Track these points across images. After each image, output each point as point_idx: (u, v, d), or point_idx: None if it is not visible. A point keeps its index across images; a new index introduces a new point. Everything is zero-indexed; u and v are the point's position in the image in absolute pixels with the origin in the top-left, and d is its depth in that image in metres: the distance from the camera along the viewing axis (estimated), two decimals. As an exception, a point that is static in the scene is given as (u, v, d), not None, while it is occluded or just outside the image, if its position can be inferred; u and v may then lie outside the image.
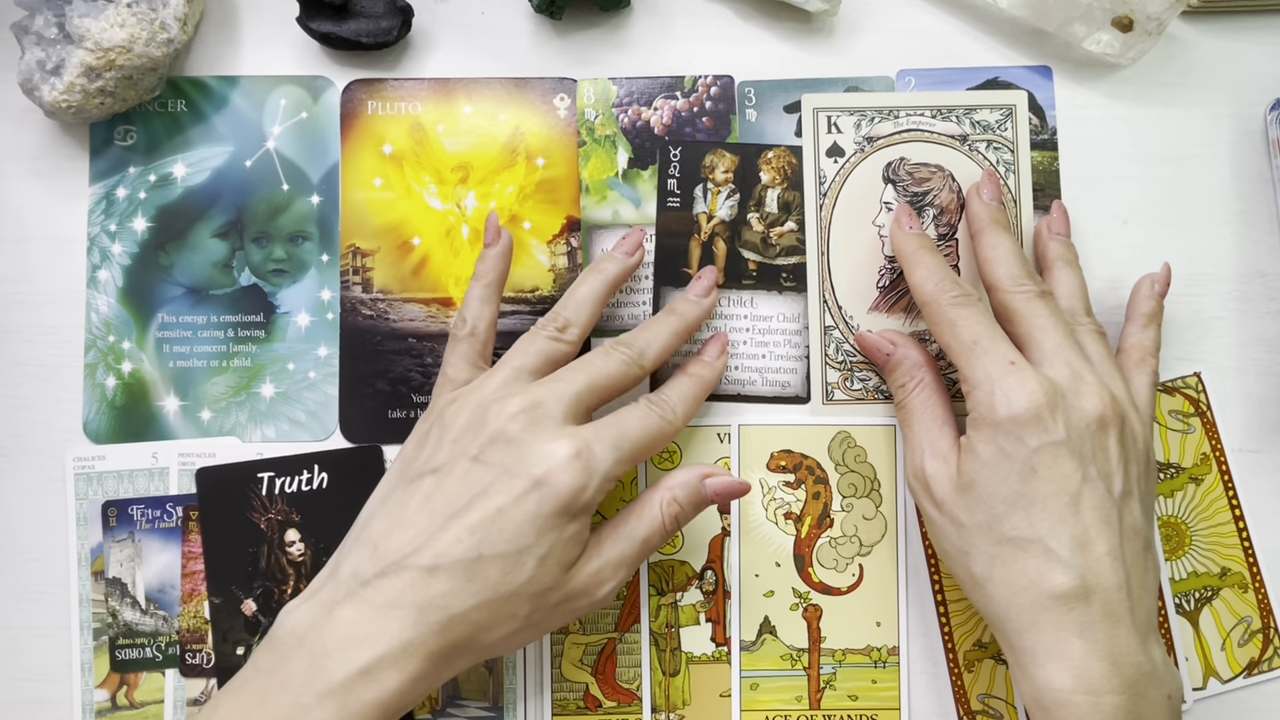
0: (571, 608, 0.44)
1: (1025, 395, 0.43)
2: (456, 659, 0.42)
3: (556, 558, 0.42)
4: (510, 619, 0.42)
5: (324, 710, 0.39)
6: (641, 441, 0.45)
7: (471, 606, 0.40)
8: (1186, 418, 0.54)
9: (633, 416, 0.46)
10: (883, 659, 0.52)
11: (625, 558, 0.44)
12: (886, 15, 0.56)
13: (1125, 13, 0.53)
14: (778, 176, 0.54)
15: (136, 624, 0.52)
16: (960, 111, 0.54)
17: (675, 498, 0.45)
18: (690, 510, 0.46)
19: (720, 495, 0.46)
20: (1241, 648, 0.53)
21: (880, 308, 0.54)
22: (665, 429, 0.46)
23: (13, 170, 0.54)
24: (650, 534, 0.45)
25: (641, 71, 0.55)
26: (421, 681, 0.40)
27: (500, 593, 0.41)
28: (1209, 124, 0.56)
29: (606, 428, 0.44)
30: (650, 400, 0.47)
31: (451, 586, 0.40)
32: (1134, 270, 0.54)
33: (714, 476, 0.46)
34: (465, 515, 0.41)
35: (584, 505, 0.42)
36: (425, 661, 0.40)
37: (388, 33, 0.53)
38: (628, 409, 0.46)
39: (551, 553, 0.42)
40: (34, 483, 0.52)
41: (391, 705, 0.40)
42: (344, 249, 0.54)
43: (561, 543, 0.42)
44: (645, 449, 0.45)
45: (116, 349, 0.53)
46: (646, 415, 0.46)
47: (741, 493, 0.47)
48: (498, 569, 0.41)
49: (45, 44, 0.50)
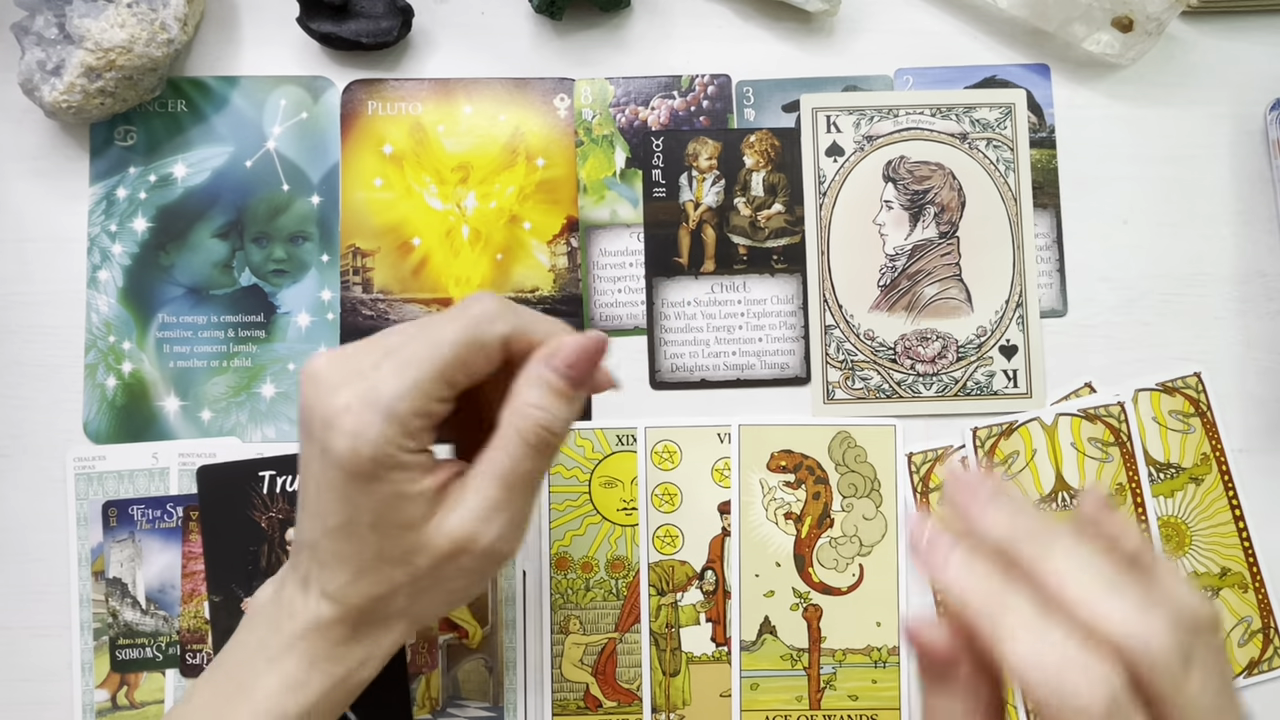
0: (461, 566, 0.39)
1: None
2: (373, 626, 0.40)
3: (389, 521, 0.38)
4: (394, 587, 0.39)
5: (270, 673, 0.39)
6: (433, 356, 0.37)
7: (348, 580, 0.39)
8: (1186, 418, 0.54)
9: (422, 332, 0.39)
10: (883, 659, 0.52)
11: (494, 501, 0.38)
12: (886, 15, 0.56)
13: (1125, 13, 0.53)
14: (761, 160, 0.54)
15: (137, 624, 0.52)
16: (960, 110, 0.54)
17: (528, 401, 0.38)
18: (556, 407, 0.39)
19: (575, 368, 0.39)
20: (1241, 648, 0.53)
21: (881, 306, 0.54)
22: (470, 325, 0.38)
23: (13, 170, 0.54)
24: (516, 461, 0.38)
25: (642, 71, 0.55)
26: (348, 650, 0.40)
27: (361, 564, 0.38)
28: (1209, 124, 0.56)
29: (387, 359, 0.38)
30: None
31: (326, 561, 0.39)
32: (1134, 270, 0.54)
33: (555, 354, 0.39)
34: (304, 493, 0.40)
35: (372, 460, 0.37)
36: (341, 628, 0.39)
37: (388, 33, 0.54)
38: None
39: (378, 519, 0.38)
40: (34, 483, 0.52)
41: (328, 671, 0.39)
42: (344, 249, 0.54)
43: (378, 506, 0.37)
44: (443, 365, 0.38)
45: (117, 349, 0.53)
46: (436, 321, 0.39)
47: (597, 349, 0.39)
48: (344, 542, 0.38)
49: (45, 44, 0.50)
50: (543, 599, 0.52)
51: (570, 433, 0.41)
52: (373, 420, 0.37)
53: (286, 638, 0.40)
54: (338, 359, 0.38)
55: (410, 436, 0.38)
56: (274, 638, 0.40)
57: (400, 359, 0.38)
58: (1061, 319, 0.54)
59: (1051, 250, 0.54)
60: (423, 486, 0.38)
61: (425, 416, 0.38)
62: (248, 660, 0.40)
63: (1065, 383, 0.54)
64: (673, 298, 0.54)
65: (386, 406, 0.37)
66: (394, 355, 0.38)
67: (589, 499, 0.53)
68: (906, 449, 0.53)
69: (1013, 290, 0.54)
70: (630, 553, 0.52)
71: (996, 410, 0.53)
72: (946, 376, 0.53)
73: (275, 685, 0.39)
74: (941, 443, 0.54)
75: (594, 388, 0.42)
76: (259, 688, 0.39)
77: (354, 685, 0.41)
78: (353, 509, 0.38)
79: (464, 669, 0.52)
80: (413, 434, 0.38)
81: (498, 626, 0.52)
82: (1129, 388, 0.54)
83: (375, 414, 0.37)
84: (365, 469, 0.37)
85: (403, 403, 0.37)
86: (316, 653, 0.39)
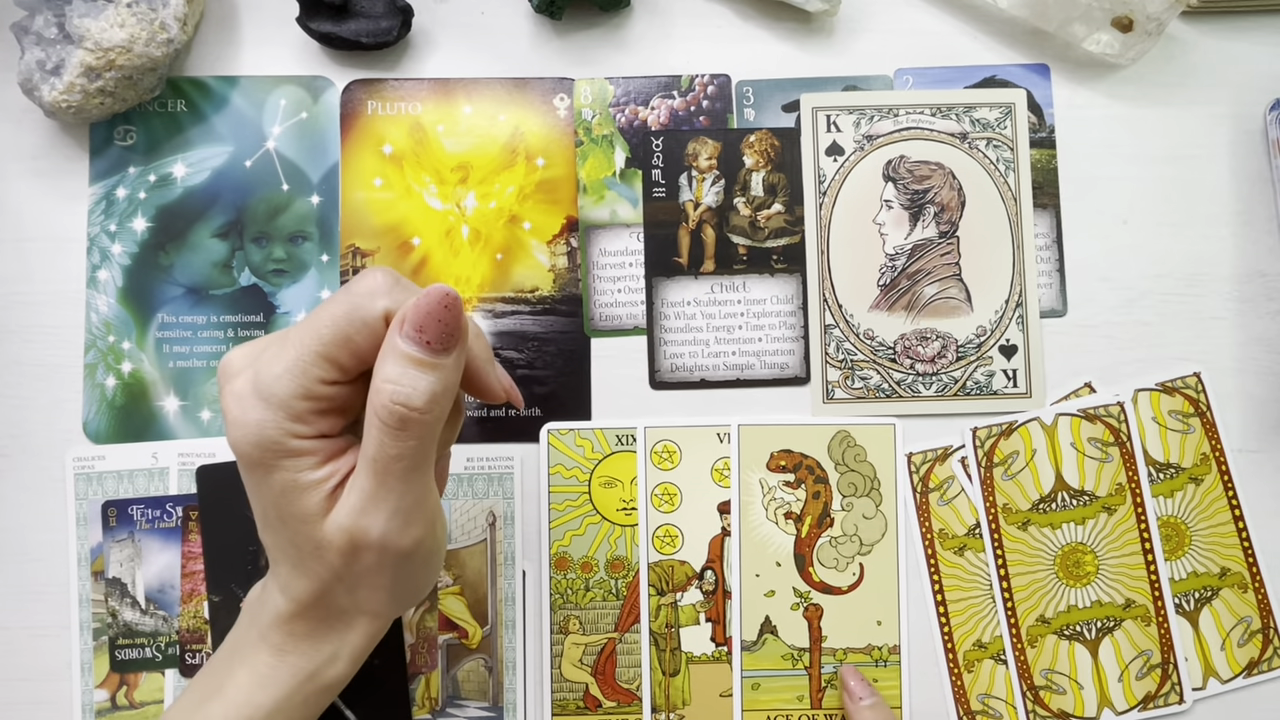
0: (367, 564, 0.38)
1: None
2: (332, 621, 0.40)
3: (289, 514, 0.37)
4: (323, 582, 0.38)
5: (242, 669, 0.39)
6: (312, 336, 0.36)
7: (288, 575, 0.39)
8: (1186, 418, 0.54)
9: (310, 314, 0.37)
10: (883, 658, 0.52)
11: (369, 492, 0.36)
12: (886, 15, 0.56)
13: (1125, 13, 0.53)
14: (761, 160, 0.54)
15: (136, 624, 0.52)
16: (960, 110, 0.54)
17: (382, 377, 0.35)
18: (413, 379, 0.36)
19: (423, 330, 0.35)
20: (1241, 648, 0.53)
21: (880, 306, 0.54)
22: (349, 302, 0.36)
23: (13, 170, 0.54)
24: (380, 446, 0.36)
25: (642, 71, 0.55)
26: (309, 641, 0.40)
27: (289, 558, 0.38)
28: (1209, 124, 0.56)
29: (275, 343, 0.37)
30: None
31: (273, 556, 0.39)
32: (1134, 270, 0.54)
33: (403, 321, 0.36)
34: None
35: (258, 446, 0.36)
36: (300, 623, 0.39)
37: (388, 33, 0.54)
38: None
39: (281, 512, 0.37)
40: (34, 483, 0.52)
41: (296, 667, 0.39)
42: (344, 249, 0.54)
43: (277, 498, 0.37)
44: (322, 345, 0.36)
45: (116, 349, 0.53)
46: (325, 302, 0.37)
47: (440, 303, 0.35)
48: (269, 536, 0.39)
49: (45, 44, 0.50)
50: (542, 599, 0.52)
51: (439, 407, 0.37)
52: (254, 405, 0.36)
53: (258, 632, 0.40)
54: (244, 348, 0.38)
55: (298, 420, 0.36)
56: (249, 633, 0.40)
57: (283, 342, 0.36)
58: (1061, 319, 0.54)
59: (1051, 250, 0.54)
60: (318, 475, 0.37)
61: (311, 399, 0.36)
62: (227, 657, 0.41)
63: (1065, 383, 0.54)
64: (672, 298, 0.54)
65: (267, 390, 0.36)
66: (282, 339, 0.37)
67: (589, 499, 0.53)
68: (906, 449, 0.53)
69: (1012, 290, 0.54)
70: (630, 553, 0.52)
71: (996, 410, 0.53)
72: (946, 376, 0.53)
73: (246, 680, 0.39)
74: (941, 442, 0.54)
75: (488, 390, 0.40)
76: (232, 683, 0.39)
77: (328, 683, 0.40)
78: (260, 502, 0.38)
79: (464, 669, 0.52)
80: (300, 418, 0.36)
81: (497, 626, 0.52)
82: (1129, 388, 0.54)
83: (257, 400, 0.36)
84: (255, 456, 0.36)
85: (281, 384, 0.36)
86: (284, 647, 0.39)
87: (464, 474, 0.53)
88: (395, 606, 0.40)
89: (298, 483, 0.36)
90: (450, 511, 0.52)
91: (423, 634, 0.52)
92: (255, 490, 0.38)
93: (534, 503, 0.53)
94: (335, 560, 0.37)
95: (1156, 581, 0.53)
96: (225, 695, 0.39)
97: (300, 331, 0.36)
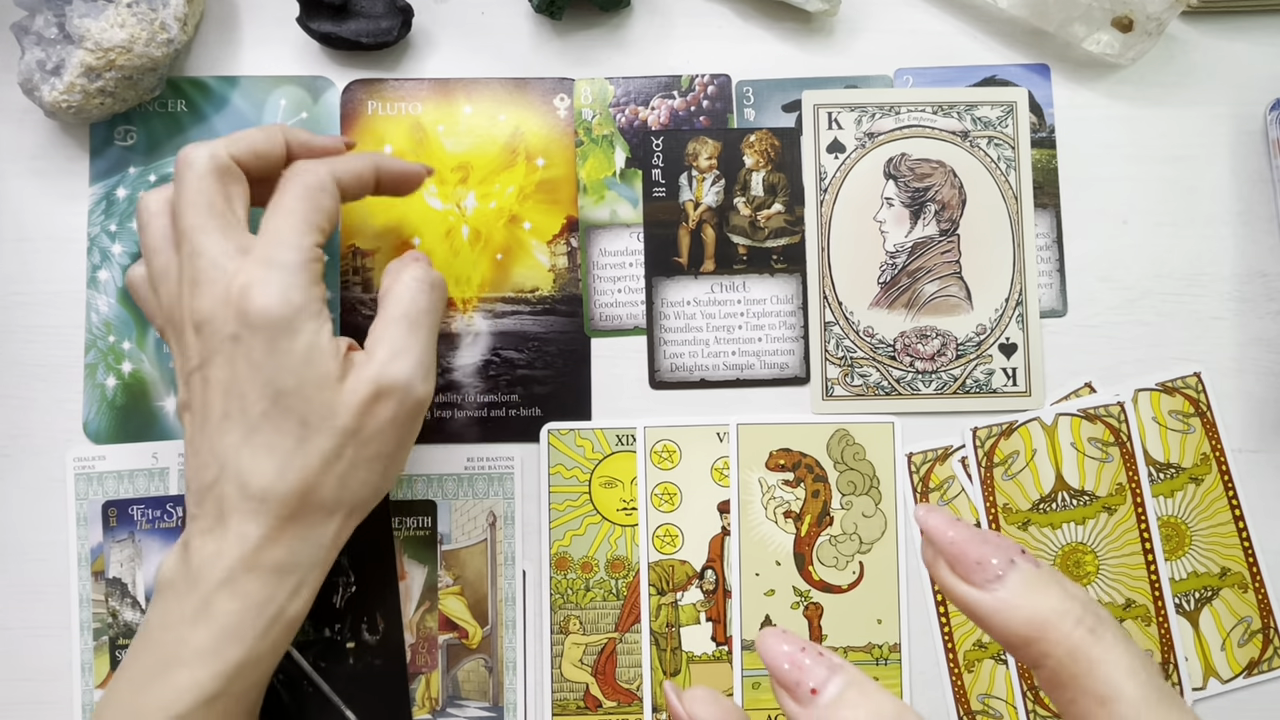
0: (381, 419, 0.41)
1: None
2: (306, 529, 0.41)
3: (309, 380, 0.40)
4: (323, 460, 0.41)
5: (198, 628, 0.39)
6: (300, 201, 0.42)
7: (274, 472, 0.40)
8: (1186, 418, 0.54)
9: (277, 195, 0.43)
10: (884, 656, 0.52)
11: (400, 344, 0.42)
12: (886, 15, 0.56)
13: (1125, 13, 0.53)
14: (761, 160, 0.54)
15: (137, 624, 0.52)
16: (961, 108, 0.55)
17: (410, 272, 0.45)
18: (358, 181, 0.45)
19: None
20: (1241, 648, 0.53)
21: (881, 303, 0.54)
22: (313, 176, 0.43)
23: (13, 170, 0.54)
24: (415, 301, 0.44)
25: (642, 71, 0.55)
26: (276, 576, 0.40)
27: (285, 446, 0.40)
28: (1209, 124, 0.56)
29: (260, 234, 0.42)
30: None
31: (246, 470, 0.40)
32: (1134, 270, 0.54)
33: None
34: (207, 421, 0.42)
35: (288, 305, 0.40)
36: (273, 549, 0.40)
37: (388, 33, 0.54)
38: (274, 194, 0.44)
39: (300, 379, 0.40)
40: (34, 483, 0.52)
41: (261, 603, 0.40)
42: (344, 249, 0.54)
43: (298, 364, 0.40)
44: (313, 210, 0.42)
45: (117, 349, 0.53)
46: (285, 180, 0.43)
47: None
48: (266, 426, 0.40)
49: (45, 44, 0.51)
50: (543, 599, 0.52)
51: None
52: (278, 276, 0.40)
53: (208, 590, 0.40)
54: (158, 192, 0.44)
55: (315, 283, 0.41)
56: (191, 598, 0.40)
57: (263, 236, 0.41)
58: (1061, 319, 0.54)
59: (1051, 250, 0.54)
60: (334, 340, 0.41)
61: (316, 263, 0.41)
62: (167, 631, 0.40)
63: (1065, 383, 0.54)
64: (672, 297, 0.54)
65: (283, 261, 0.40)
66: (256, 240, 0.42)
67: (589, 499, 0.53)
68: (906, 449, 0.53)
69: (1013, 289, 0.54)
70: (630, 552, 0.52)
71: (995, 408, 0.53)
72: (946, 374, 0.53)
73: (208, 638, 0.39)
74: (941, 441, 0.54)
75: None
76: (188, 649, 0.39)
77: (292, 618, 0.41)
78: (275, 375, 0.40)
79: (464, 669, 0.52)
80: (316, 280, 0.41)
81: (498, 626, 0.52)
82: (1129, 388, 0.54)
83: (277, 270, 0.40)
84: (286, 318, 0.40)
85: (293, 254, 0.40)
86: (247, 593, 0.40)
87: (464, 474, 0.53)
88: (375, 492, 0.43)
89: (319, 345, 0.40)
90: (450, 511, 0.52)
91: (423, 634, 0.52)
92: (272, 363, 0.40)
93: (534, 503, 0.53)
94: (349, 421, 0.41)
95: (1157, 581, 0.53)
96: (186, 663, 0.39)
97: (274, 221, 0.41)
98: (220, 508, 0.40)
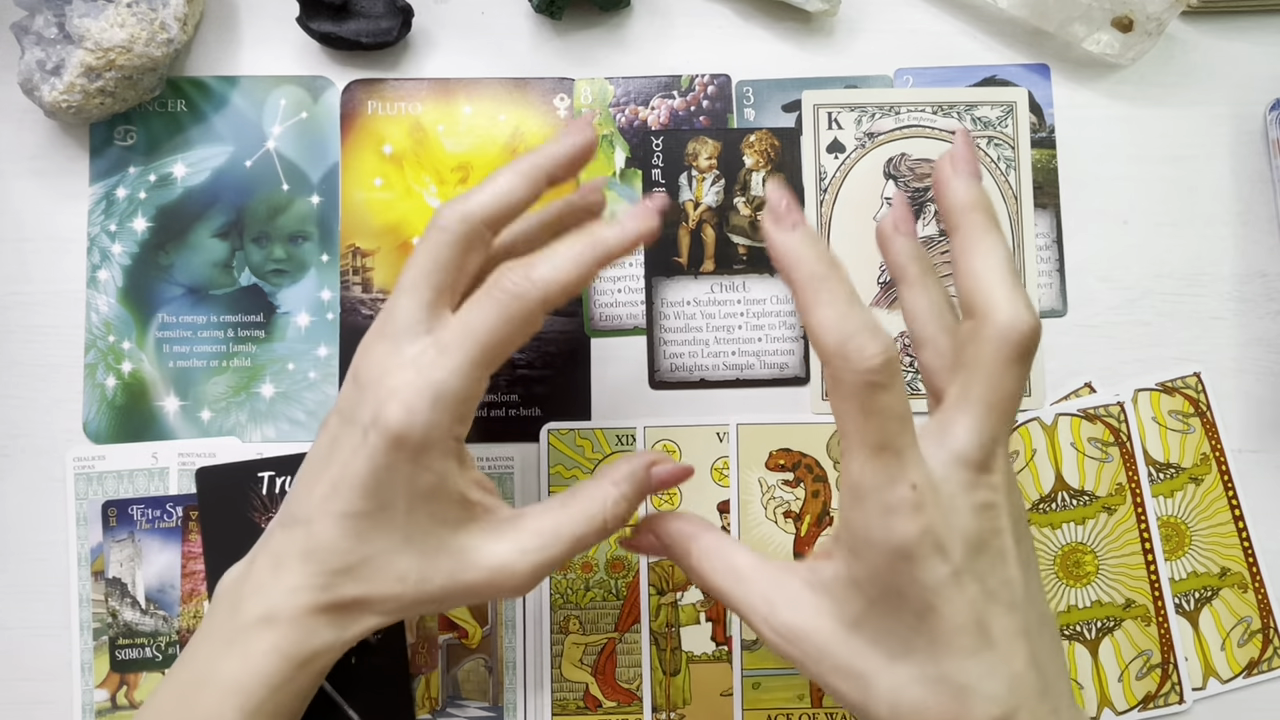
0: (470, 587, 0.39)
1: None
2: (354, 616, 0.39)
3: (422, 511, 0.38)
4: (397, 580, 0.39)
5: (230, 657, 0.39)
6: (493, 333, 0.38)
7: (346, 565, 0.38)
8: (1186, 418, 0.54)
9: (475, 307, 0.38)
10: (883, 658, 0.52)
11: (550, 558, 0.39)
12: (886, 15, 0.56)
13: (1125, 13, 0.53)
14: (761, 160, 0.54)
15: (136, 624, 0.52)
16: (961, 108, 0.55)
17: (624, 495, 0.40)
18: (634, 506, 0.41)
19: (666, 484, 0.41)
20: (1241, 648, 0.53)
21: (881, 303, 0.54)
22: (520, 303, 0.38)
23: (13, 170, 0.54)
24: (587, 533, 0.40)
25: (642, 71, 0.55)
26: (315, 634, 0.39)
27: (374, 551, 0.38)
28: (1209, 124, 0.56)
29: (445, 332, 0.38)
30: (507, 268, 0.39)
31: (326, 543, 0.38)
32: (1134, 270, 0.54)
33: (660, 464, 0.41)
34: (324, 471, 0.39)
35: (421, 442, 0.37)
36: (314, 615, 0.38)
37: (388, 33, 0.54)
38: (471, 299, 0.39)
39: (411, 505, 0.38)
40: (34, 483, 0.52)
41: (290, 655, 0.38)
42: (344, 249, 0.54)
43: (415, 491, 0.38)
44: (501, 342, 0.38)
45: (116, 349, 0.53)
46: (489, 297, 0.38)
47: (686, 477, 0.42)
48: (364, 528, 0.38)
49: (45, 44, 0.51)
50: (542, 599, 0.52)
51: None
52: (427, 402, 0.37)
53: (248, 620, 0.39)
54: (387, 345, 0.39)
55: (460, 422, 0.38)
56: (234, 620, 0.39)
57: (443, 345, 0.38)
58: (1061, 319, 0.54)
59: (1051, 250, 0.54)
60: (463, 484, 0.39)
61: (473, 401, 0.38)
62: (208, 646, 0.40)
63: (1065, 382, 0.54)
64: (672, 297, 0.54)
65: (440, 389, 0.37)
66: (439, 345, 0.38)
67: (589, 499, 0.53)
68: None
69: (1012, 290, 0.54)
70: (630, 552, 0.52)
71: (996, 410, 0.53)
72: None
73: (238, 667, 0.38)
74: (941, 442, 0.53)
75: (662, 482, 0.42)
76: (220, 673, 0.39)
77: (321, 668, 0.40)
78: (388, 487, 0.38)
79: (464, 669, 0.52)
80: (463, 419, 0.38)
81: (497, 626, 0.52)
82: (1129, 388, 0.54)
83: (431, 396, 0.37)
84: (415, 442, 0.37)
85: (451, 384, 0.37)
86: (278, 638, 0.38)
87: (464, 474, 0.53)
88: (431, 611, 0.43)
89: (444, 486, 0.38)
90: (450, 511, 0.52)
91: (423, 634, 0.52)
92: (389, 473, 0.38)
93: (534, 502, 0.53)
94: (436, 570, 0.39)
95: (1156, 581, 0.53)
96: (216, 686, 0.39)
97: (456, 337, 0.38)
98: (282, 555, 0.39)
